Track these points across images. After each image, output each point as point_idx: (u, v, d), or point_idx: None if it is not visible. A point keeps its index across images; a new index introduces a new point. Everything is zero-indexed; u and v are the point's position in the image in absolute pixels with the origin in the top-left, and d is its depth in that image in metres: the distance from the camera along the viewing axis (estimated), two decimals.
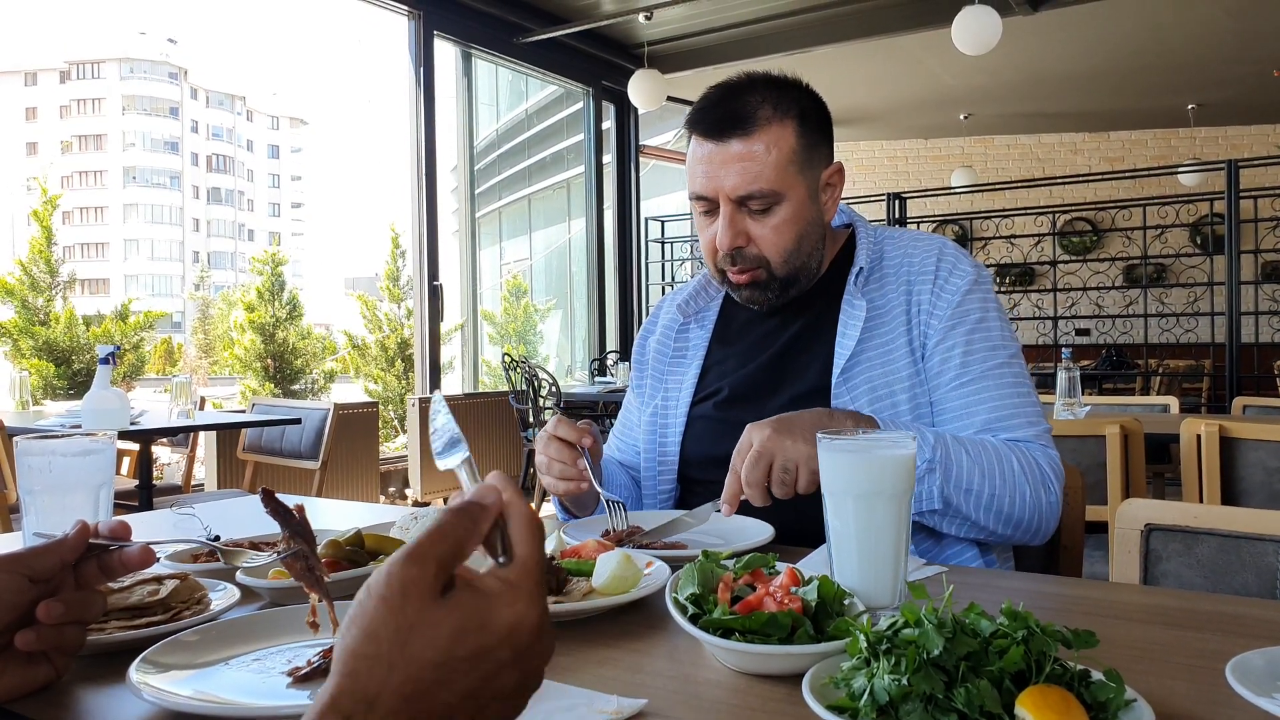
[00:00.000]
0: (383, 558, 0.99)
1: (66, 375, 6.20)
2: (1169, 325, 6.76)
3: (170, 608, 0.82)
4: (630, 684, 0.70)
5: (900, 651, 0.60)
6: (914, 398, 1.22)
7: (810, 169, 1.26)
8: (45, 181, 6.68)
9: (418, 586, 0.43)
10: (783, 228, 1.24)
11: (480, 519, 0.47)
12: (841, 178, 1.31)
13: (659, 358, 1.44)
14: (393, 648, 0.42)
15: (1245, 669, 0.65)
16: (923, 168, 10.52)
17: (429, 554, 0.44)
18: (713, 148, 1.23)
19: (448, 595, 0.44)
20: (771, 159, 1.21)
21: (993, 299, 1.26)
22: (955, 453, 1.10)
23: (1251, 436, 2.21)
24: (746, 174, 1.21)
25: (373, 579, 0.44)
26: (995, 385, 1.21)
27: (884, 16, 6.34)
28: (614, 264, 7.64)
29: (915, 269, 1.27)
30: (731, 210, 1.23)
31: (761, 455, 1.03)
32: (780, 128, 1.22)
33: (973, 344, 1.22)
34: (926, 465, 1.09)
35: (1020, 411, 1.20)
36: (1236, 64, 7.63)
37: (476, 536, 0.46)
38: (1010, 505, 1.13)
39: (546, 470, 1.21)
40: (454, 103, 6.51)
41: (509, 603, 0.45)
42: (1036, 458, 1.17)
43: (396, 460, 6.08)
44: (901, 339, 1.24)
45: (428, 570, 0.44)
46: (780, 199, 1.23)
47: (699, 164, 1.25)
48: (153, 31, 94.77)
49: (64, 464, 0.98)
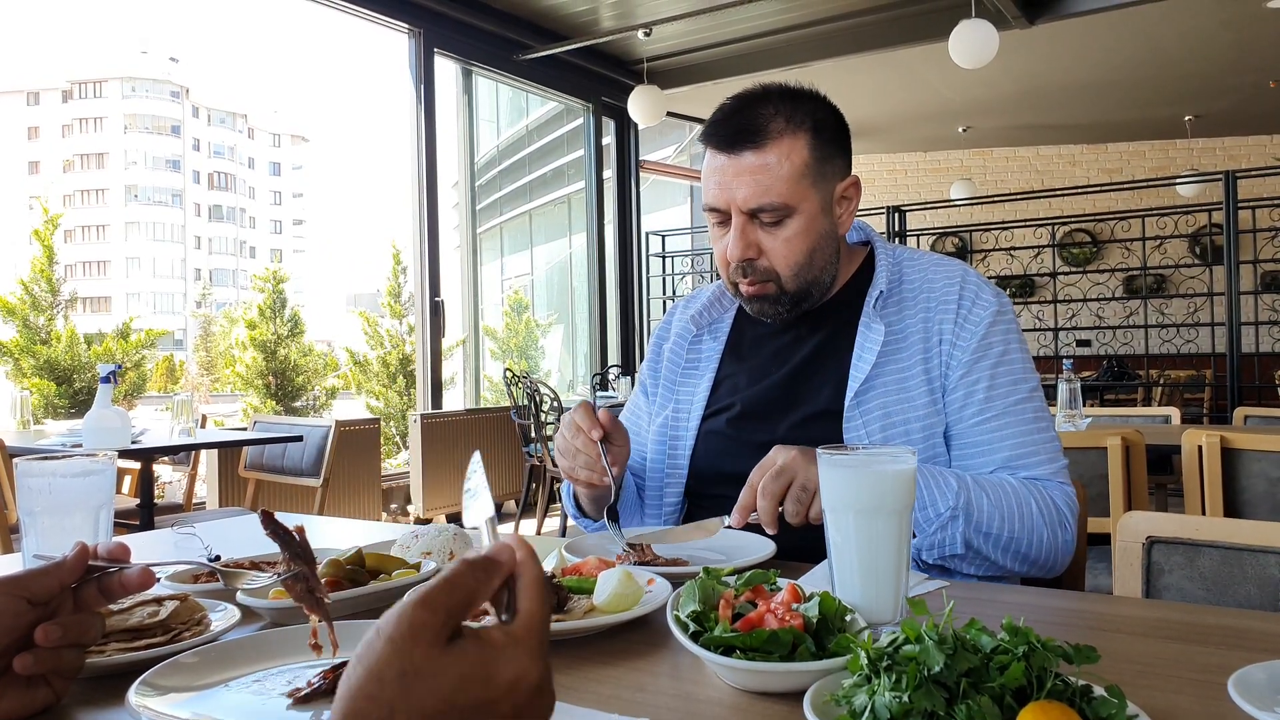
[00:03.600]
0: (384, 576, 0.99)
1: (68, 394, 6.21)
2: (1169, 336, 6.76)
3: (170, 629, 0.82)
4: (632, 702, 0.70)
5: (901, 668, 0.59)
6: (927, 427, 1.21)
7: (823, 181, 1.25)
8: (47, 200, 6.71)
9: (426, 632, 0.44)
10: (794, 241, 1.24)
11: (493, 574, 0.48)
12: (858, 191, 1.31)
13: (672, 366, 1.43)
14: (396, 690, 0.43)
15: (1247, 683, 0.65)
16: (922, 180, 10.55)
17: (440, 602, 0.45)
18: (725, 160, 1.24)
19: (454, 644, 0.45)
20: (783, 172, 1.21)
21: (1015, 331, 1.26)
22: (977, 497, 1.11)
23: (1253, 447, 2.20)
24: (758, 186, 1.21)
25: (383, 620, 0.44)
26: (1017, 421, 1.21)
27: (882, 31, 6.38)
28: (615, 279, 7.65)
29: (936, 296, 1.26)
30: (743, 222, 1.24)
31: (783, 472, 1.03)
32: (793, 140, 1.22)
33: (996, 378, 1.22)
34: (950, 512, 1.09)
35: (1042, 448, 1.21)
36: (1233, 75, 7.66)
37: (487, 591, 0.47)
38: (1028, 547, 1.14)
39: (570, 457, 1.20)
40: (455, 119, 6.54)
41: (513, 657, 0.46)
42: (1054, 497, 1.18)
43: (398, 477, 6.08)
44: (918, 366, 1.23)
45: (437, 617, 0.44)
46: (791, 211, 1.23)
47: (712, 176, 1.26)
48: (154, 50, 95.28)
49: (64, 485, 0.98)
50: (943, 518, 1.09)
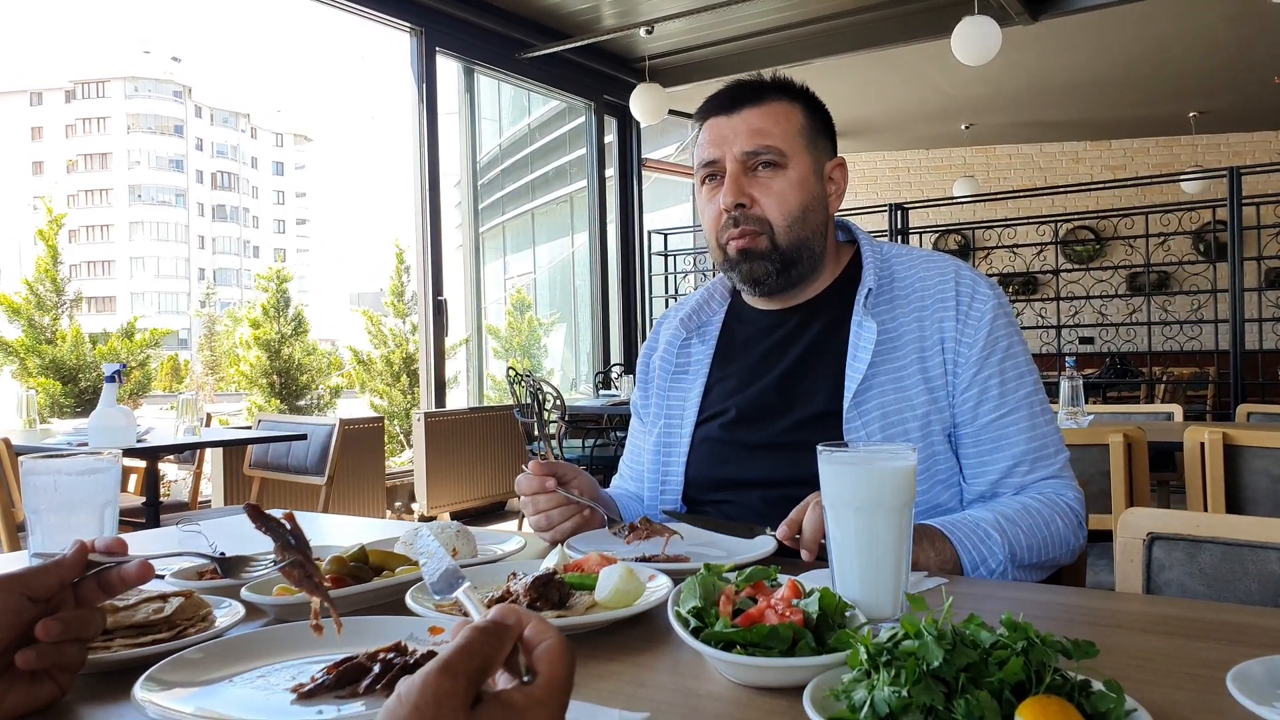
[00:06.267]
0: (387, 573, 0.99)
1: (73, 393, 6.23)
2: (1173, 333, 6.74)
3: (175, 625, 0.82)
4: (633, 697, 0.70)
5: (900, 663, 0.60)
6: (925, 426, 1.21)
7: (815, 150, 1.30)
8: (51, 201, 6.73)
9: (451, 699, 0.45)
10: (787, 192, 1.26)
11: (504, 639, 0.49)
12: (844, 174, 1.34)
13: (662, 375, 1.42)
14: None
15: (1245, 678, 0.65)
16: (925, 178, 10.54)
17: (461, 668, 0.46)
18: (724, 119, 1.28)
19: (478, 708, 0.46)
20: (780, 126, 1.26)
21: (1015, 324, 1.28)
22: (1015, 537, 1.12)
23: (1256, 444, 2.20)
24: (756, 134, 1.26)
25: (405, 689, 0.45)
26: (1028, 415, 1.22)
27: (884, 28, 6.37)
28: (617, 277, 7.65)
29: (931, 294, 1.26)
30: (738, 170, 1.26)
31: None
32: (790, 105, 1.29)
33: (1006, 373, 1.22)
34: (1001, 566, 1.10)
35: (1049, 441, 1.23)
36: (1237, 71, 7.64)
37: (502, 655, 0.48)
38: (1057, 557, 1.18)
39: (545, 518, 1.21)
40: (457, 118, 6.54)
41: (536, 719, 0.47)
42: (1070, 503, 1.20)
43: (402, 475, 6.09)
44: (914, 365, 1.23)
45: (459, 684, 0.45)
46: (786, 162, 1.26)
47: (707, 133, 1.29)
48: (157, 50, 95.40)
49: (69, 483, 0.99)
50: (995, 573, 1.10)
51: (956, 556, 1.08)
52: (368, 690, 0.67)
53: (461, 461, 5.86)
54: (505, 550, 1.17)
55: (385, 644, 0.72)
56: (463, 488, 5.88)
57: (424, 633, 0.78)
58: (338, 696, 0.68)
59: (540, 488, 1.19)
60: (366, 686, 0.68)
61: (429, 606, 0.85)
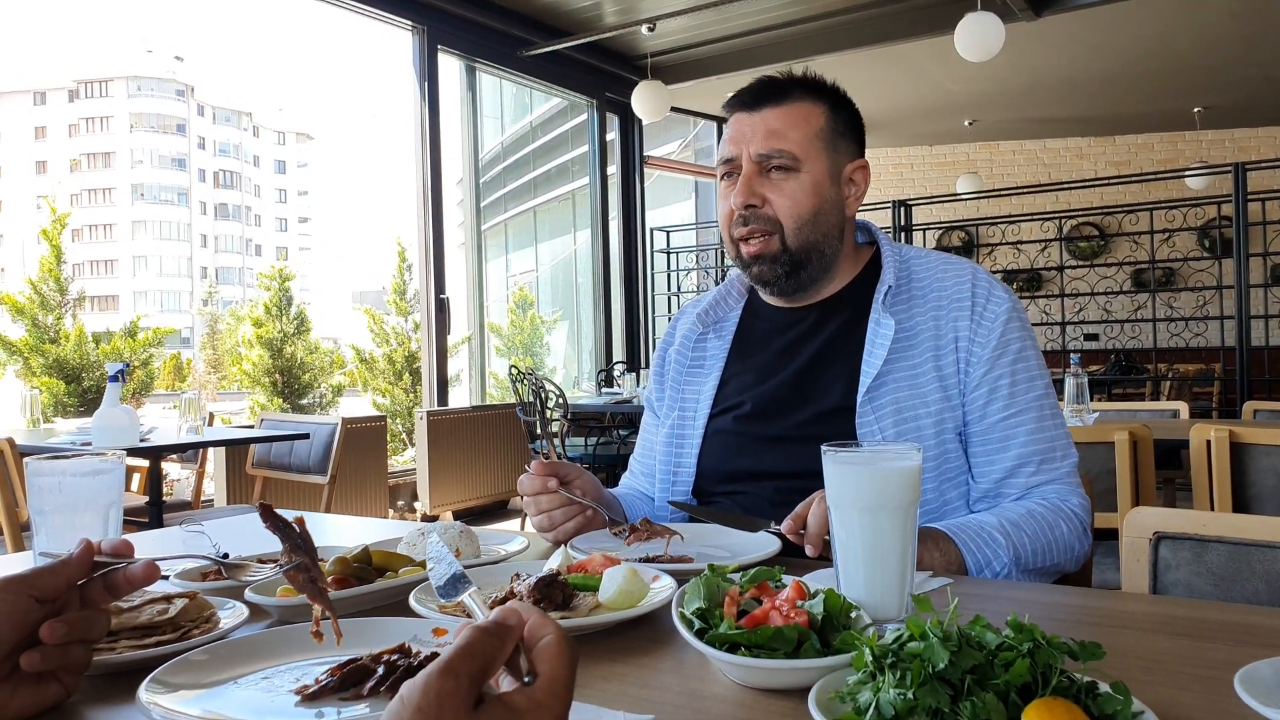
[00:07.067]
0: (390, 574, 0.99)
1: (76, 393, 6.24)
2: (1178, 329, 6.73)
3: (179, 627, 0.82)
4: (637, 699, 0.70)
5: (906, 665, 0.59)
6: (939, 424, 1.22)
7: (834, 153, 1.30)
8: (54, 200, 6.73)
9: (453, 700, 0.45)
10: (799, 195, 1.27)
11: (506, 639, 0.49)
12: (866, 176, 1.34)
13: (678, 368, 1.43)
14: None
15: (1253, 679, 0.65)
16: (928, 174, 10.52)
17: (462, 669, 0.46)
18: (746, 115, 1.29)
19: (479, 710, 0.46)
20: (798, 128, 1.27)
21: (1029, 328, 1.28)
22: (1019, 540, 1.13)
23: (1262, 441, 2.19)
24: (772, 136, 1.27)
25: (407, 691, 0.45)
26: (1037, 417, 1.23)
27: (886, 24, 6.36)
28: (620, 275, 7.65)
29: (948, 295, 1.27)
30: (752, 170, 1.27)
31: None
32: (812, 106, 1.29)
33: (1017, 374, 1.23)
34: (1005, 569, 1.10)
35: (1057, 443, 1.23)
36: (1242, 66, 7.61)
37: (503, 655, 0.48)
38: (1062, 562, 1.19)
39: (549, 519, 1.21)
40: (459, 116, 6.54)
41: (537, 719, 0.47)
42: (1075, 509, 1.20)
43: (405, 474, 6.09)
44: (929, 364, 1.24)
45: (461, 685, 0.45)
46: (799, 166, 1.27)
47: (730, 129, 1.31)
48: (160, 49, 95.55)
49: (74, 484, 0.99)
50: (999, 576, 1.10)
51: (961, 559, 1.08)
52: (372, 692, 0.67)
53: (464, 460, 5.86)
54: (508, 551, 1.17)
55: (389, 646, 0.72)
56: (465, 486, 5.89)
57: (428, 634, 0.78)
58: (342, 698, 0.68)
59: (542, 488, 1.19)
60: (371, 688, 0.68)
61: (433, 608, 0.85)
